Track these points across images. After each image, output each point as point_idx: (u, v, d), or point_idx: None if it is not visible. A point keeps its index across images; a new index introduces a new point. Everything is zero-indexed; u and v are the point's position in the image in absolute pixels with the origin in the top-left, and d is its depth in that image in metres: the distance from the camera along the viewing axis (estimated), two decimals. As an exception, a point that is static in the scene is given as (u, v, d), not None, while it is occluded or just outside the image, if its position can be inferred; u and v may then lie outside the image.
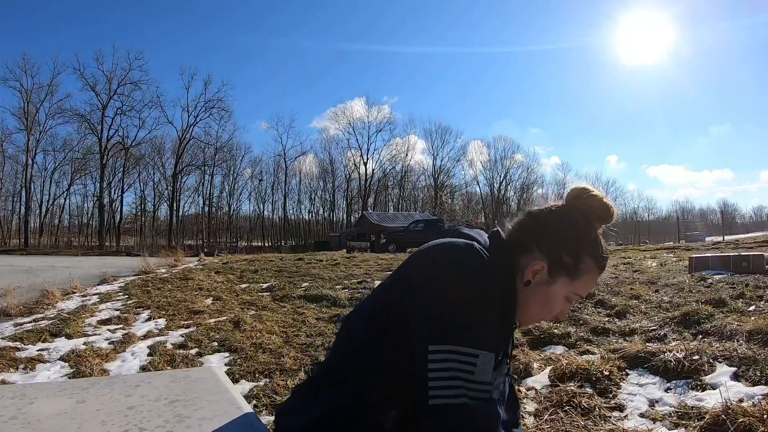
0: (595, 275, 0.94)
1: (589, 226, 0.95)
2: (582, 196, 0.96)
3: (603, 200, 0.96)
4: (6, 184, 41.01)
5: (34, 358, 3.30)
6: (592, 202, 0.95)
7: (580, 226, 0.95)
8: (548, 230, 0.95)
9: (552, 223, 0.95)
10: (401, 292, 0.87)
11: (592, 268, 0.93)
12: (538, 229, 0.95)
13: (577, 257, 0.92)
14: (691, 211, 66.05)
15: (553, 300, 0.94)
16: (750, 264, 5.51)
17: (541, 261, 0.93)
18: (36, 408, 1.06)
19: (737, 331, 2.92)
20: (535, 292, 0.94)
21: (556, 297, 0.93)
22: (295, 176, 55.31)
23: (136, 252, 19.16)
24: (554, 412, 2.13)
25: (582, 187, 0.97)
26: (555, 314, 0.96)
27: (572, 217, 0.95)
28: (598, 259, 0.93)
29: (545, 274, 0.93)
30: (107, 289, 6.76)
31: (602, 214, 0.96)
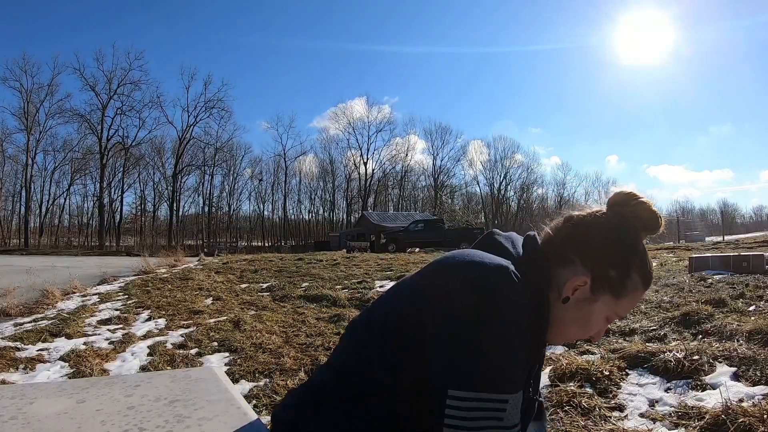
0: (640, 294, 0.84)
1: (638, 238, 0.85)
2: (629, 203, 0.85)
3: (652, 208, 0.85)
4: (6, 184, 41.05)
5: (34, 358, 3.30)
6: (640, 210, 0.85)
7: (628, 237, 0.84)
8: (593, 241, 0.84)
9: (597, 233, 0.84)
10: (420, 310, 0.76)
11: (638, 285, 0.83)
12: (581, 239, 0.84)
13: (624, 273, 0.82)
14: (691, 211, 66.09)
15: (592, 319, 0.84)
16: (750, 264, 5.51)
17: (584, 276, 0.82)
18: (36, 408, 1.06)
19: (737, 331, 2.92)
20: (572, 310, 0.84)
21: (597, 316, 0.84)
22: (295, 176, 55.35)
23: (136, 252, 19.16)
24: (554, 412, 2.13)
25: (628, 192, 0.86)
26: (591, 335, 0.87)
27: (619, 226, 0.84)
28: (645, 275, 0.84)
29: (587, 291, 0.83)
30: (107, 289, 6.76)
31: (650, 224, 0.85)
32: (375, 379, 0.79)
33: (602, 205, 0.89)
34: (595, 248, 0.83)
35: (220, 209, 50.56)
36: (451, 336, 0.71)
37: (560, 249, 0.85)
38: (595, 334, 0.87)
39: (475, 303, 0.71)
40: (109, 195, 43.97)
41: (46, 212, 43.23)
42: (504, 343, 0.70)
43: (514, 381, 0.71)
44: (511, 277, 0.74)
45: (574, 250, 0.84)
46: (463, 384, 0.69)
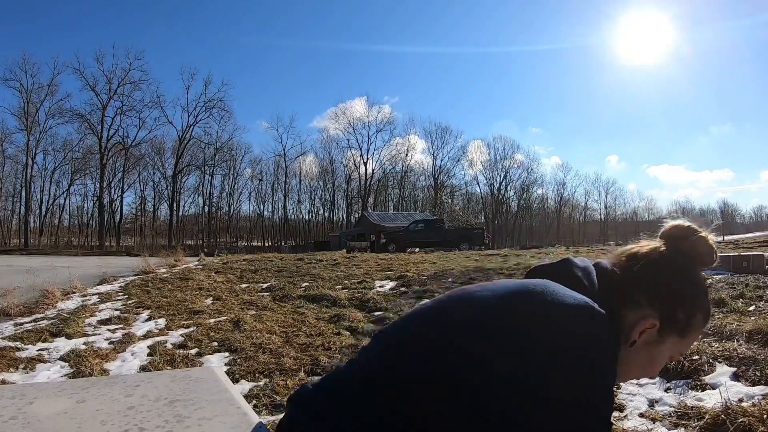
0: (701, 331, 0.83)
1: (701, 277, 0.83)
2: (689, 237, 0.83)
3: (710, 243, 0.83)
4: (6, 184, 41.05)
5: (34, 358, 3.30)
6: (700, 245, 0.82)
7: (693, 276, 0.82)
8: (661, 282, 0.80)
9: (664, 273, 0.81)
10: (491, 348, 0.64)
11: (701, 323, 0.82)
12: (648, 280, 0.80)
13: (691, 313, 0.80)
14: (691, 212, 66.01)
15: (657, 361, 0.82)
16: (750, 264, 5.51)
17: (652, 319, 0.78)
18: (36, 408, 1.06)
19: (737, 331, 2.92)
20: (639, 353, 0.80)
21: (662, 358, 0.82)
22: (295, 176, 55.35)
23: (136, 252, 19.17)
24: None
25: (688, 226, 0.84)
26: (655, 373, 0.85)
27: (684, 264, 0.82)
28: (707, 312, 0.83)
29: (654, 333, 0.79)
30: (107, 289, 6.76)
31: (707, 259, 0.83)
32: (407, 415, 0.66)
33: (658, 239, 0.85)
34: (665, 290, 0.80)
35: (220, 209, 50.57)
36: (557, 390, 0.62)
37: (626, 290, 0.80)
38: (654, 374, 0.85)
39: (583, 354, 0.64)
40: (109, 195, 44.01)
41: (46, 212, 43.28)
42: (608, 396, 0.66)
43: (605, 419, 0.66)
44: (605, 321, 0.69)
45: (643, 293, 0.80)
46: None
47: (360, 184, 56.66)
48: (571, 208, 60.38)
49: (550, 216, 58.94)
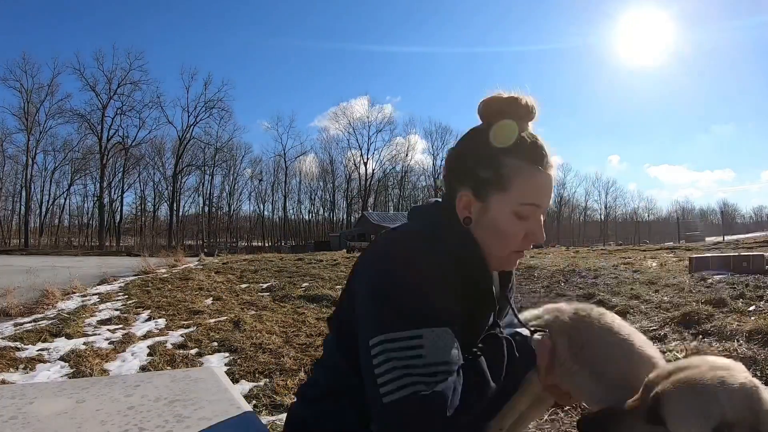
0: (531, 171, 0.82)
1: (494, 131, 0.84)
2: (485, 108, 0.87)
3: (502, 97, 0.86)
4: (6, 184, 41.06)
5: (34, 358, 3.30)
6: (491, 106, 0.86)
7: (482, 136, 0.84)
8: (461, 158, 0.87)
9: (458, 154, 0.88)
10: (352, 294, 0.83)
11: (521, 165, 0.81)
12: (454, 165, 0.88)
13: (494, 164, 0.82)
14: (692, 212, 66.15)
15: (501, 224, 0.83)
16: (750, 264, 5.51)
17: (463, 192, 0.84)
18: (36, 408, 1.06)
19: (737, 331, 2.92)
20: (483, 228, 0.84)
21: (502, 218, 0.82)
22: (296, 176, 55.35)
23: (136, 252, 19.17)
24: (554, 413, 2.12)
25: (484, 100, 0.87)
26: (519, 239, 0.84)
27: (472, 133, 0.87)
28: (521, 155, 0.82)
29: (476, 202, 0.84)
30: (107, 289, 6.76)
31: (509, 110, 0.84)
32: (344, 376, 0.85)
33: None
34: (461, 161, 0.86)
35: (220, 209, 50.59)
36: (364, 294, 0.78)
37: (448, 188, 0.88)
38: (530, 236, 0.84)
39: (378, 262, 0.81)
40: (109, 195, 44.02)
41: (46, 212, 43.28)
42: (407, 283, 0.74)
43: (426, 315, 0.71)
44: (407, 233, 0.85)
45: (454, 178, 0.87)
46: (372, 330, 0.72)
47: (360, 184, 56.71)
48: (571, 208, 60.38)
49: (550, 216, 58.83)
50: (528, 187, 0.82)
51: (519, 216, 0.82)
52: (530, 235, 0.84)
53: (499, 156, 0.82)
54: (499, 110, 0.85)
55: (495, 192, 0.82)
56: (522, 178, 0.81)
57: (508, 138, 0.83)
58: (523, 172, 0.81)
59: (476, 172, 0.83)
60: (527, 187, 0.82)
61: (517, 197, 0.81)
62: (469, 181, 0.84)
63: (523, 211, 0.82)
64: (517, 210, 0.82)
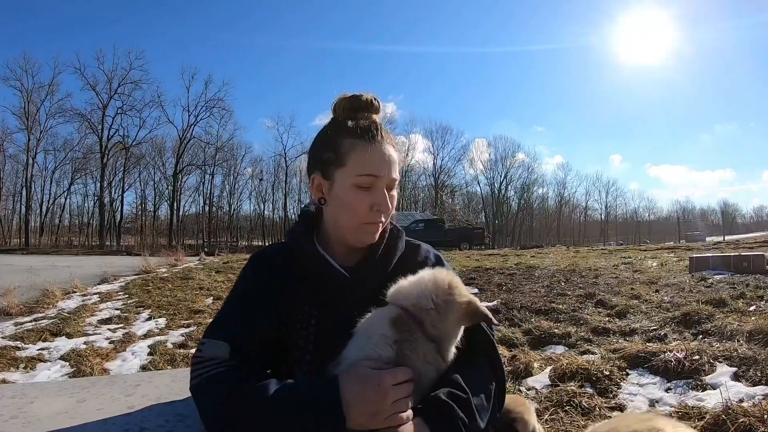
0: (362, 147, 0.93)
1: (342, 121, 0.96)
2: (336, 107, 0.99)
3: (346, 96, 0.98)
4: (7, 183, 41.02)
5: (35, 357, 3.30)
6: (339, 104, 0.98)
7: (331, 124, 0.98)
8: (312, 148, 1.01)
9: (313, 142, 1.01)
10: None
11: (353, 143, 0.93)
12: (309, 158, 1.01)
13: (334, 146, 0.94)
14: (692, 211, 66.05)
15: (345, 196, 0.93)
16: (750, 264, 5.52)
17: (315, 174, 0.98)
18: (36, 407, 1.07)
19: (738, 331, 2.92)
20: (333, 204, 0.96)
21: (345, 190, 0.93)
22: (296, 175, 55.27)
23: (137, 251, 19.17)
24: (554, 412, 2.13)
25: (335, 100, 1.00)
26: (364, 209, 0.93)
27: (327, 125, 0.99)
28: (355, 133, 0.93)
29: (324, 181, 0.96)
30: (108, 288, 6.76)
31: (353, 105, 0.97)
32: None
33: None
34: (312, 152, 1.00)
35: (220, 209, 50.56)
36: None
37: (309, 179, 1.00)
38: (376, 206, 0.94)
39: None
40: (109, 194, 43.96)
41: (47, 212, 43.24)
42: (226, 302, 0.96)
43: (212, 328, 0.91)
44: (251, 257, 1.03)
45: (309, 169, 1.00)
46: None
47: (360, 183, 56.45)
48: (571, 208, 60.34)
49: (551, 216, 58.88)
50: (362, 160, 0.92)
51: (359, 186, 0.93)
52: (375, 206, 0.94)
53: (338, 138, 0.94)
54: (344, 107, 0.98)
55: (337, 168, 0.94)
56: (356, 153, 0.93)
57: (346, 123, 0.96)
58: (356, 147, 0.93)
59: (322, 156, 0.96)
60: (362, 160, 0.92)
61: (354, 169, 0.92)
62: (318, 165, 0.97)
63: (362, 181, 0.93)
64: (356, 181, 0.93)
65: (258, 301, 0.94)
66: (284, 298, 0.94)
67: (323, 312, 0.95)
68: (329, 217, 0.99)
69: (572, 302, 4.32)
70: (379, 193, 0.94)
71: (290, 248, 1.00)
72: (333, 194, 0.95)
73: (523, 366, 2.70)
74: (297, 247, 0.99)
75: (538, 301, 4.41)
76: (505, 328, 3.57)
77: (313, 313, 0.95)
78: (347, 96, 0.98)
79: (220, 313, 0.95)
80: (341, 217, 0.96)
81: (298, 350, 0.94)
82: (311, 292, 0.95)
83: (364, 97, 0.98)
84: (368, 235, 0.97)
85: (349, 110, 0.97)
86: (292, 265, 0.97)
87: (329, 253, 0.99)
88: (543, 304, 4.21)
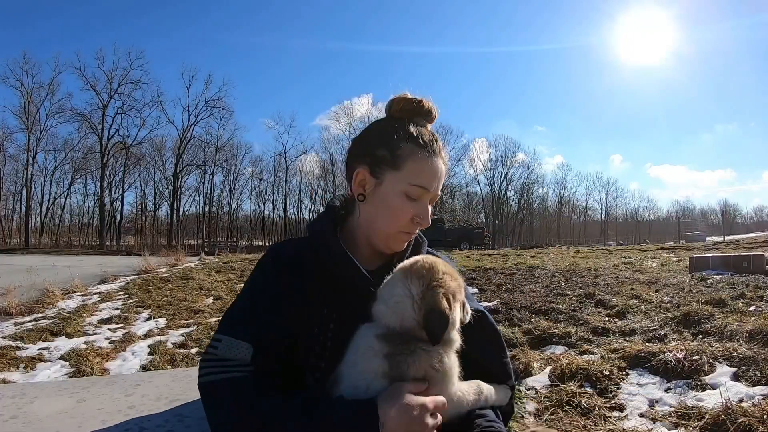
0: (421, 157, 0.91)
1: (402, 122, 0.93)
2: (392, 105, 0.96)
3: (408, 97, 0.95)
4: (7, 183, 41.01)
5: (35, 357, 3.30)
6: (398, 103, 0.96)
7: (390, 123, 0.94)
8: (363, 141, 0.96)
9: (365, 135, 0.97)
10: None
11: (414, 150, 0.90)
12: (356, 149, 0.96)
13: (392, 146, 0.90)
14: (692, 211, 65.95)
15: (391, 200, 0.90)
16: (750, 264, 5.51)
17: (360, 168, 0.93)
18: (36, 407, 1.07)
19: (737, 331, 2.92)
20: (375, 203, 0.92)
21: (393, 195, 0.90)
22: (296, 175, 55.24)
23: (137, 251, 19.16)
24: (554, 412, 2.13)
25: (392, 98, 0.96)
26: (407, 218, 0.91)
27: (383, 122, 0.96)
28: (417, 141, 0.91)
29: (371, 178, 0.92)
30: (108, 288, 6.76)
31: (412, 108, 0.94)
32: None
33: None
34: (365, 144, 0.95)
35: (220, 209, 50.53)
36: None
37: (348, 169, 0.96)
38: (417, 218, 0.91)
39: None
40: (109, 194, 43.96)
41: (47, 211, 43.22)
42: (241, 297, 0.91)
43: (229, 325, 0.87)
44: (277, 246, 0.98)
45: (354, 159, 0.96)
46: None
47: (360, 183, 56.35)
48: (571, 208, 60.30)
49: (551, 216, 58.85)
50: (419, 170, 0.90)
51: (408, 195, 0.91)
52: (416, 218, 0.91)
53: (399, 140, 0.91)
54: (403, 108, 0.95)
55: (389, 170, 0.91)
56: (414, 161, 0.90)
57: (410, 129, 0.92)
58: (416, 155, 0.90)
59: (374, 152, 0.92)
60: (418, 170, 0.90)
61: (408, 177, 0.90)
62: (366, 159, 0.93)
63: (413, 191, 0.90)
64: (407, 190, 0.90)
65: (280, 301, 0.88)
66: (303, 299, 0.89)
67: (342, 316, 0.89)
68: (364, 216, 0.95)
69: (572, 302, 4.32)
70: (424, 207, 0.92)
71: (313, 245, 0.94)
72: (378, 194, 0.92)
73: (522, 366, 2.70)
74: (322, 246, 0.92)
75: (538, 301, 4.41)
76: (505, 328, 3.57)
77: (332, 316, 0.90)
78: (408, 97, 0.95)
79: (238, 307, 0.90)
80: (380, 220, 0.92)
81: (312, 356, 0.88)
82: (331, 295, 0.90)
83: (426, 105, 0.95)
84: (400, 244, 0.95)
85: (407, 112, 0.94)
86: (314, 264, 0.92)
87: (353, 253, 0.93)
88: (543, 304, 4.21)
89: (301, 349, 0.89)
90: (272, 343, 0.85)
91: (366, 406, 0.74)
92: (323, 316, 0.90)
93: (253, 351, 0.83)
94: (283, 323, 0.87)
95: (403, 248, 0.96)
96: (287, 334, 0.87)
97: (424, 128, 0.94)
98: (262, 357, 0.83)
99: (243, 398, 0.78)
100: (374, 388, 0.77)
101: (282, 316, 0.87)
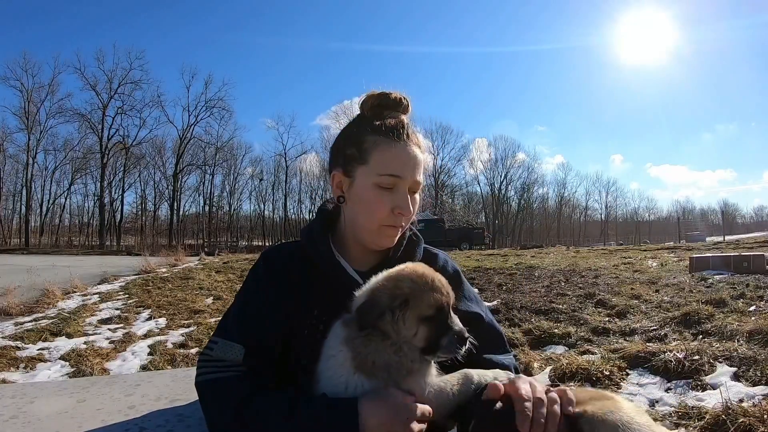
0: (386, 146, 0.90)
1: (369, 118, 0.94)
2: (363, 104, 0.97)
3: (375, 93, 0.95)
4: (7, 183, 41.03)
5: (35, 357, 3.30)
6: (367, 101, 0.96)
7: (356, 121, 0.96)
8: (335, 145, 0.98)
9: (337, 138, 0.99)
10: None
11: (378, 140, 0.90)
12: (331, 155, 0.99)
13: (357, 142, 0.91)
14: (692, 211, 66.00)
15: (365, 195, 0.90)
16: (750, 264, 5.51)
17: (336, 171, 0.95)
18: (36, 407, 1.07)
19: (737, 331, 2.92)
20: (352, 202, 0.93)
21: (366, 189, 0.90)
22: (296, 175, 55.24)
23: (137, 251, 19.18)
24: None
25: (362, 97, 0.98)
26: (385, 211, 0.90)
27: (352, 122, 0.97)
28: (380, 131, 0.91)
29: (345, 178, 0.93)
30: (108, 288, 6.76)
31: (381, 102, 0.94)
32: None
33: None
34: (334, 149, 0.98)
35: (220, 209, 50.54)
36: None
37: (329, 176, 0.99)
38: (397, 209, 0.90)
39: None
40: (109, 194, 43.97)
41: (47, 211, 43.23)
42: (236, 302, 0.94)
43: (224, 329, 0.89)
44: (271, 250, 1.02)
45: (329, 166, 0.99)
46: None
47: (361, 183, 56.32)
48: (571, 208, 60.28)
49: (551, 216, 58.83)
50: (386, 159, 0.90)
51: (380, 186, 0.90)
52: (396, 209, 0.91)
53: (362, 134, 0.91)
54: (372, 105, 0.95)
55: (358, 166, 0.91)
56: (379, 151, 0.90)
57: (374, 121, 0.93)
58: (380, 145, 0.90)
59: (344, 151, 0.93)
60: (385, 159, 0.90)
61: (376, 168, 0.90)
62: (339, 161, 0.95)
63: (383, 181, 0.90)
64: (378, 180, 0.90)
65: (272, 304, 0.91)
66: (296, 302, 0.91)
67: (332, 318, 0.88)
68: (348, 217, 0.96)
69: (572, 302, 4.32)
70: (401, 196, 0.91)
71: (304, 248, 0.96)
72: (353, 192, 0.93)
73: (523, 366, 2.70)
74: (312, 249, 0.95)
75: (538, 301, 4.41)
76: (505, 328, 3.57)
77: (322, 318, 0.90)
78: (375, 93, 0.95)
79: (233, 311, 0.93)
80: (360, 217, 0.93)
81: (304, 357, 0.89)
82: (323, 297, 0.92)
83: (393, 95, 0.95)
84: (387, 239, 0.94)
85: (376, 107, 0.95)
86: (306, 267, 0.94)
87: (344, 255, 0.95)
88: (543, 304, 4.21)
89: (294, 351, 0.91)
90: (262, 346, 0.87)
91: (345, 404, 0.75)
92: (314, 317, 0.91)
93: (245, 352, 0.85)
94: (272, 327, 0.89)
95: (391, 243, 0.95)
96: (277, 338, 0.90)
97: (391, 118, 0.93)
98: (254, 358, 0.86)
99: (233, 396, 0.81)
100: (339, 376, 0.78)
101: (272, 321, 0.90)
